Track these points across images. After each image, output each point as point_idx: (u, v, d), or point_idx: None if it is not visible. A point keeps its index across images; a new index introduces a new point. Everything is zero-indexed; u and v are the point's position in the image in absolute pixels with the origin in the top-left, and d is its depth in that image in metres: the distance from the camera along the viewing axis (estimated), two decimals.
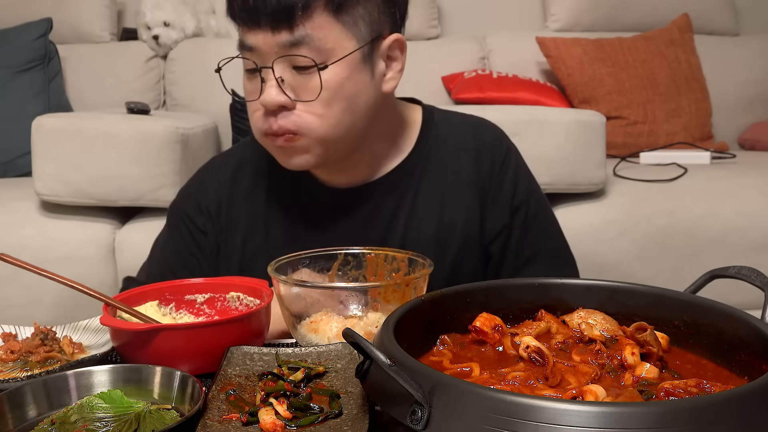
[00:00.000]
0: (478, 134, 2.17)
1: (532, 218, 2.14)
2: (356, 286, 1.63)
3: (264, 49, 1.82)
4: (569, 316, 1.39)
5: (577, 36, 5.01)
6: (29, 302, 3.35)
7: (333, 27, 1.82)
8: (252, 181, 2.16)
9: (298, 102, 1.85)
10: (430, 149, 2.12)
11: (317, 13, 1.80)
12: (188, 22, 4.94)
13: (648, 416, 0.89)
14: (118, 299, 1.60)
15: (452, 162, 2.11)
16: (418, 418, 0.96)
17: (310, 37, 1.80)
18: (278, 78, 1.83)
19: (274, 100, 1.83)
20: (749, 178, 3.79)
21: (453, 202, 2.08)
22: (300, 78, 1.83)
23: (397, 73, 2.01)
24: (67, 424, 1.22)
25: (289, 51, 1.81)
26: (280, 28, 1.79)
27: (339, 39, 1.83)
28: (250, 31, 1.83)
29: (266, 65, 1.83)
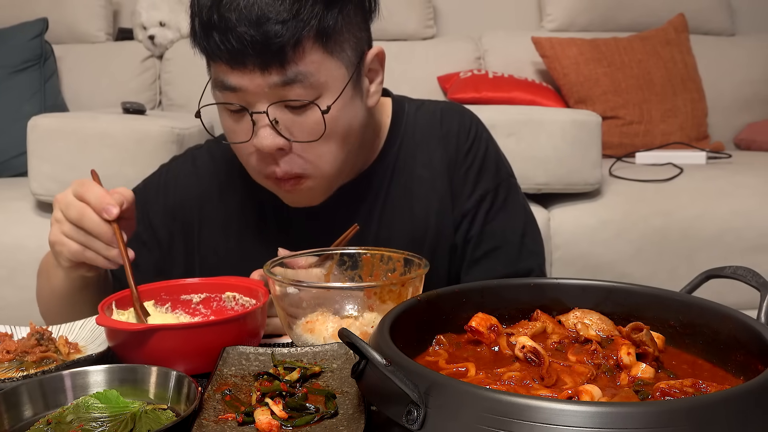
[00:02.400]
0: (446, 120, 2.13)
1: (497, 208, 2.08)
2: (352, 286, 1.63)
3: (252, 90, 1.72)
4: (565, 316, 1.39)
5: (572, 36, 5.01)
6: (25, 302, 3.34)
7: (323, 59, 1.73)
8: (228, 177, 2.10)
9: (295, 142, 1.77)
10: (400, 144, 2.09)
11: (307, 46, 1.70)
12: (184, 22, 4.93)
13: (644, 416, 0.89)
14: (114, 299, 1.61)
15: (422, 153, 2.08)
16: (414, 418, 0.96)
17: (303, 75, 1.71)
18: (272, 120, 1.74)
19: (272, 144, 1.74)
20: (745, 178, 3.80)
21: (424, 194, 2.05)
22: (294, 117, 1.75)
23: (378, 86, 1.95)
24: (63, 424, 1.21)
25: (281, 91, 1.71)
26: (270, 68, 1.69)
27: (330, 70, 1.76)
28: (232, 71, 1.72)
29: (258, 110, 1.74)
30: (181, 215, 2.09)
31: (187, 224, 2.09)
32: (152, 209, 2.09)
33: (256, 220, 2.06)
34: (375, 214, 2.04)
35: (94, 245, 1.67)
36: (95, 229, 1.65)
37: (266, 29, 1.64)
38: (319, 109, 1.73)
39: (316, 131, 1.75)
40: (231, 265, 1.89)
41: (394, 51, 4.39)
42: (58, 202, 1.71)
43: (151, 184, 2.17)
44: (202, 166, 2.15)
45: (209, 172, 2.13)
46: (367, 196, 2.04)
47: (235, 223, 2.07)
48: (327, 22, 1.71)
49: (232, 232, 2.07)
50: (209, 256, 2.08)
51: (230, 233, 2.07)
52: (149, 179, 2.20)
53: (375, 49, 1.90)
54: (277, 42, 1.65)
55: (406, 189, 2.06)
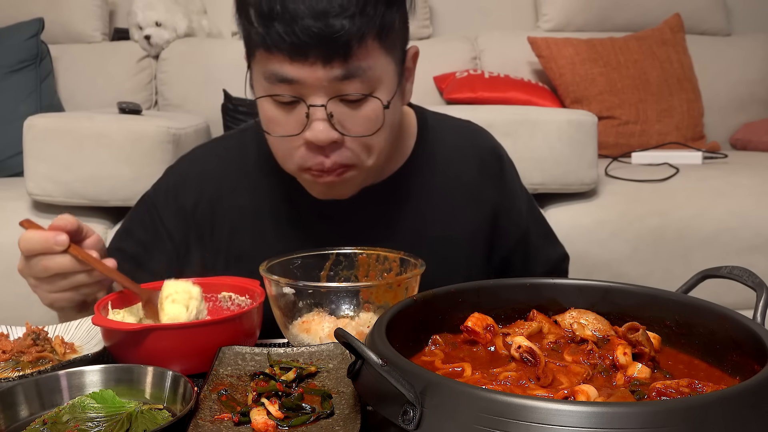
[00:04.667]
0: (478, 142, 2.16)
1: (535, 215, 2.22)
2: (348, 286, 1.63)
3: (311, 83, 1.67)
4: (561, 316, 1.39)
5: (568, 36, 5.01)
6: (21, 302, 3.33)
7: (379, 54, 1.71)
8: (240, 175, 2.06)
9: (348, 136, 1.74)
10: (428, 155, 2.07)
11: (369, 41, 1.67)
12: (180, 22, 4.94)
13: (640, 416, 0.89)
14: (109, 299, 1.61)
15: (452, 168, 2.07)
16: (410, 418, 0.96)
17: (362, 69, 1.68)
18: (329, 114, 1.69)
19: (327, 138, 1.70)
20: (741, 178, 3.79)
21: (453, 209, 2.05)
22: (348, 111, 1.72)
23: (411, 85, 1.93)
24: (59, 424, 1.21)
25: (341, 85, 1.68)
26: (333, 62, 1.65)
27: (384, 65, 1.74)
28: (292, 63, 1.66)
29: (315, 103, 1.69)
30: (193, 217, 2.04)
31: (200, 225, 2.05)
32: (164, 213, 2.06)
33: (271, 219, 2.02)
34: (397, 219, 2.02)
35: (80, 280, 1.70)
36: (63, 267, 1.68)
37: (332, 23, 1.62)
38: (379, 102, 1.73)
39: (370, 125, 1.74)
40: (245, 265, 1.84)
41: None
42: (21, 272, 1.79)
43: (160, 188, 2.12)
44: (211, 165, 2.11)
45: (218, 172, 2.08)
46: (390, 200, 2.02)
47: (249, 222, 2.03)
48: (386, 20, 1.69)
49: (245, 231, 2.03)
50: (224, 256, 2.04)
51: (244, 233, 2.03)
52: (158, 184, 2.14)
53: (414, 48, 1.90)
54: (343, 36, 1.62)
55: (431, 201, 2.05)
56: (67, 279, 1.68)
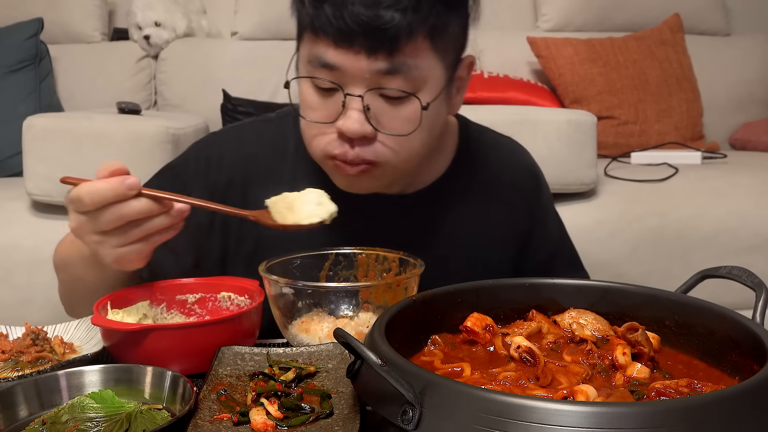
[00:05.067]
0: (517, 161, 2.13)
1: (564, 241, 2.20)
2: (347, 286, 1.63)
3: (352, 71, 1.62)
4: (560, 316, 1.39)
5: (568, 36, 5.01)
6: (20, 302, 3.35)
7: (428, 54, 1.65)
8: (278, 161, 1.97)
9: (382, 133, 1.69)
10: (467, 168, 2.02)
11: (419, 39, 1.62)
12: (179, 22, 4.94)
13: (639, 416, 0.89)
14: (109, 299, 1.60)
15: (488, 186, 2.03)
16: (409, 418, 0.96)
17: (407, 66, 1.62)
18: (365, 106, 1.64)
19: (358, 131, 1.65)
20: (740, 178, 3.80)
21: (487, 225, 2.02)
22: (387, 107, 1.67)
23: (461, 96, 1.87)
24: (58, 424, 1.21)
25: (382, 79, 1.63)
26: (378, 54, 1.60)
27: (432, 68, 1.68)
28: (336, 49, 1.62)
29: (353, 93, 1.64)
30: (223, 197, 1.89)
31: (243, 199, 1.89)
32: (192, 187, 1.91)
33: None
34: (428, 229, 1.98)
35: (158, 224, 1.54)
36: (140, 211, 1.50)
37: (382, 13, 1.56)
38: (418, 103, 1.67)
39: (407, 126, 1.68)
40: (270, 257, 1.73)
41: None
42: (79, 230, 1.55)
43: (188, 159, 2.03)
44: (249, 146, 2.01)
45: (256, 154, 1.99)
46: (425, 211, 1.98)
47: None
48: (441, 20, 1.64)
49: None
50: (248, 244, 1.94)
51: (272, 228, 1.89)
52: (188, 154, 2.06)
53: (470, 58, 1.84)
54: (392, 29, 1.57)
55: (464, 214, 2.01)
56: (140, 226, 1.51)
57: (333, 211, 1.58)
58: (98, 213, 1.49)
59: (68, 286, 1.94)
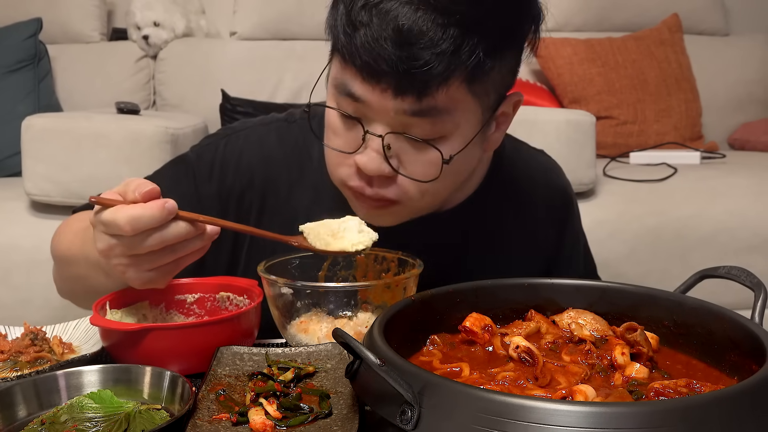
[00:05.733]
0: (551, 182, 2.07)
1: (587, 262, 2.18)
2: (346, 286, 1.62)
3: (377, 108, 1.53)
4: (559, 316, 1.39)
5: (567, 36, 5.00)
6: (19, 302, 3.35)
7: (464, 99, 1.54)
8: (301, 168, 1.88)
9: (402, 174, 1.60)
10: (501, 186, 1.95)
11: (454, 86, 1.49)
12: (178, 22, 4.94)
13: (638, 416, 0.89)
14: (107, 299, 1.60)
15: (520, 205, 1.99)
16: (408, 418, 0.96)
17: (437, 111, 1.51)
18: (386, 145, 1.55)
19: (376, 170, 1.57)
20: (739, 178, 3.80)
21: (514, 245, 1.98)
22: (410, 149, 1.57)
23: (503, 133, 1.76)
24: (57, 424, 1.21)
25: (408, 120, 1.52)
26: (406, 95, 1.49)
27: (467, 112, 1.57)
28: (362, 82, 1.52)
29: (374, 132, 1.55)
30: (237, 202, 1.86)
31: (243, 213, 1.85)
32: (204, 188, 1.86)
33: None
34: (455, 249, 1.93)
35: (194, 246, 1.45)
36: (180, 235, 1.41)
37: (416, 54, 1.45)
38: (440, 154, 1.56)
39: (428, 173, 1.58)
40: None
41: None
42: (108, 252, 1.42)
43: (205, 157, 1.91)
44: (271, 150, 1.90)
45: (278, 159, 1.88)
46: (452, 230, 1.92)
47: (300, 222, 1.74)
48: (482, 65, 1.51)
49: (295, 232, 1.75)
50: (262, 254, 1.74)
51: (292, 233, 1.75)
52: (203, 151, 1.93)
53: (515, 96, 1.72)
54: (424, 72, 1.45)
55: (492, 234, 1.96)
56: (175, 250, 1.42)
57: (375, 238, 1.56)
58: (135, 238, 1.38)
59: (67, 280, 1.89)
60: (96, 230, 1.43)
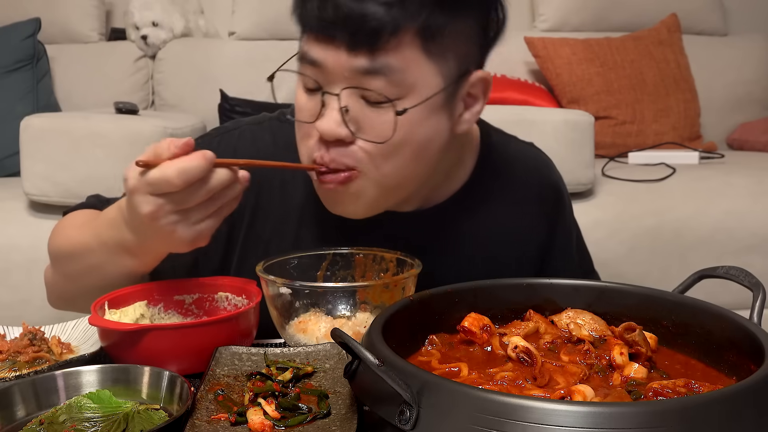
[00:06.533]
0: (541, 176, 2.06)
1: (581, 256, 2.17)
2: (345, 286, 1.63)
3: (332, 69, 1.55)
4: (558, 316, 1.39)
5: (565, 36, 5.01)
6: (18, 302, 3.35)
7: (418, 58, 1.55)
8: None
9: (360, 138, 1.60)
10: (489, 180, 1.95)
11: (406, 40, 1.52)
12: (177, 22, 4.94)
13: (636, 416, 0.89)
14: (106, 299, 1.60)
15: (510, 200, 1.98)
16: (407, 418, 0.96)
17: (390, 69, 1.52)
18: (343, 108, 1.56)
19: (333, 132, 1.57)
20: (738, 178, 3.80)
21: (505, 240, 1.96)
22: (368, 111, 1.57)
23: (474, 115, 1.74)
24: (56, 424, 1.21)
25: (363, 80, 1.54)
26: (359, 50, 1.51)
27: (423, 73, 1.57)
28: (319, 44, 1.56)
29: (331, 91, 1.57)
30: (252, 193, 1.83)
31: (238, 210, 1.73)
32: None
33: (317, 221, 1.87)
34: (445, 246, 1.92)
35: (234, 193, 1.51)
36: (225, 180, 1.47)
37: (366, 6, 1.48)
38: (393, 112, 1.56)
39: (385, 133, 1.57)
40: None
41: None
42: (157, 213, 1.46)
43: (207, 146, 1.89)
44: (264, 148, 1.90)
45: (271, 156, 1.80)
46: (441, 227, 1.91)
47: (293, 220, 1.87)
48: (434, 21, 1.53)
49: (288, 229, 1.88)
50: (255, 252, 1.82)
51: (285, 231, 1.88)
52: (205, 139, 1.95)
53: (482, 72, 1.70)
54: (374, 23, 1.48)
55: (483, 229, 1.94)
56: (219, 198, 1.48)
57: None
58: (185, 192, 1.43)
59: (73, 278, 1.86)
60: (139, 196, 1.49)
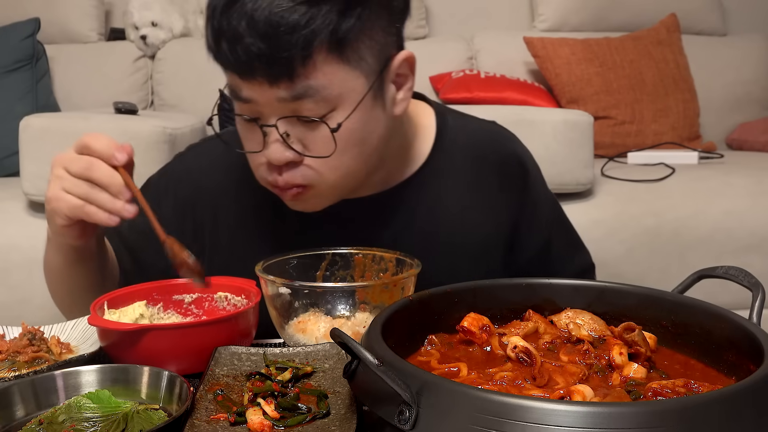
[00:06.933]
0: (501, 148, 2.06)
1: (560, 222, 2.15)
2: (344, 286, 1.63)
3: (263, 103, 1.61)
4: (557, 316, 1.39)
5: (564, 36, 5.01)
6: (17, 302, 3.35)
7: (338, 70, 1.59)
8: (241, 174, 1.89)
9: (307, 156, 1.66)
10: (446, 159, 1.98)
11: (319, 58, 1.56)
12: (176, 22, 4.94)
13: (635, 416, 0.89)
14: (106, 298, 1.60)
15: (471, 175, 1.99)
16: (406, 418, 0.96)
17: (314, 89, 1.58)
18: (283, 134, 1.62)
19: (281, 158, 1.64)
20: (737, 178, 3.80)
21: (471, 217, 1.97)
22: (307, 131, 1.63)
23: (407, 92, 1.78)
24: (55, 424, 1.21)
25: (292, 106, 1.60)
26: (279, 82, 1.57)
27: (346, 81, 1.62)
28: (243, 82, 1.61)
29: (268, 123, 1.63)
30: (192, 212, 1.96)
31: (198, 222, 1.96)
32: (164, 203, 1.94)
33: (274, 220, 1.93)
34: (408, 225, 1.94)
35: (98, 197, 1.59)
36: (103, 178, 1.58)
37: (274, 40, 1.53)
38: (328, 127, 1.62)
39: (327, 147, 1.63)
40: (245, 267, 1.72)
41: None
42: (60, 159, 1.66)
43: (164, 175, 2.06)
44: (218, 159, 2.00)
45: (225, 166, 1.97)
46: (401, 208, 1.94)
47: (251, 222, 1.96)
48: (341, 31, 1.57)
49: (247, 232, 1.96)
50: (221, 257, 1.94)
51: (246, 233, 1.96)
52: (165, 169, 2.08)
53: (404, 54, 1.74)
54: (284, 55, 1.54)
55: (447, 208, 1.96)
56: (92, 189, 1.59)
57: None
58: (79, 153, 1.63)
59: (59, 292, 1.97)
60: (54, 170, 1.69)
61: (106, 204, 1.58)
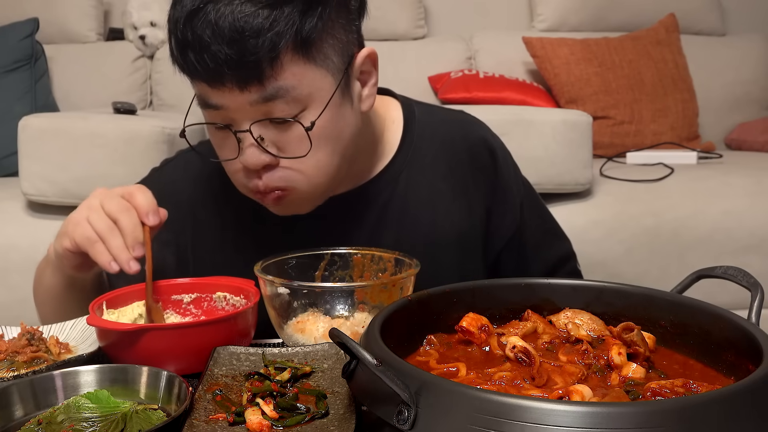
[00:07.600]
0: (468, 134, 2.07)
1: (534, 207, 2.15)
2: (343, 286, 1.63)
3: (234, 108, 1.63)
4: (556, 316, 1.39)
5: (563, 36, 5.01)
6: (16, 302, 3.34)
7: (305, 70, 1.63)
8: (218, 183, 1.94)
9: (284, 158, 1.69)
10: (415, 151, 2.00)
11: (287, 59, 1.59)
12: None
13: (634, 416, 0.89)
14: (104, 299, 1.61)
15: (441, 164, 2.01)
16: (405, 418, 0.96)
17: (284, 90, 1.61)
18: (257, 138, 1.65)
19: (258, 162, 1.66)
20: (736, 178, 3.80)
21: (445, 206, 1.99)
22: (278, 133, 1.66)
23: (372, 88, 1.83)
24: (54, 424, 1.21)
25: (264, 108, 1.62)
26: (249, 86, 1.59)
27: (314, 80, 1.65)
28: (212, 90, 1.63)
29: (242, 128, 1.65)
30: (172, 225, 1.88)
31: (179, 234, 1.97)
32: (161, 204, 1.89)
33: (254, 225, 1.95)
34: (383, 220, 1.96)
35: (112, 240, 1.60)
36: (128, 226, 1.61)
37: (241, 46, 1.56)
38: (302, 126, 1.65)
39: (302, 147, 1.66)
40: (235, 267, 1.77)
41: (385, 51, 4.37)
42: (101, 193, 1.69)
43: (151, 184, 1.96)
44: (194, 170, 2.03)
45: (202, 176, 2.01)
46: (375, 203, 1.96)
47: (231, 229, 1.98)
48: (305, 31, 1.60)
49: (228, 239, 1.98)
50: (204, 266, 1.93)
51: (227, 241, 1.98)
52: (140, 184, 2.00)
53: (365, 51, 1.78)
54: (252, 59, 1.56)
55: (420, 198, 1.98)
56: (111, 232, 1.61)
57: None
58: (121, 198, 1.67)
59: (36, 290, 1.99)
60: None
61: (114, 249, 1.60)
